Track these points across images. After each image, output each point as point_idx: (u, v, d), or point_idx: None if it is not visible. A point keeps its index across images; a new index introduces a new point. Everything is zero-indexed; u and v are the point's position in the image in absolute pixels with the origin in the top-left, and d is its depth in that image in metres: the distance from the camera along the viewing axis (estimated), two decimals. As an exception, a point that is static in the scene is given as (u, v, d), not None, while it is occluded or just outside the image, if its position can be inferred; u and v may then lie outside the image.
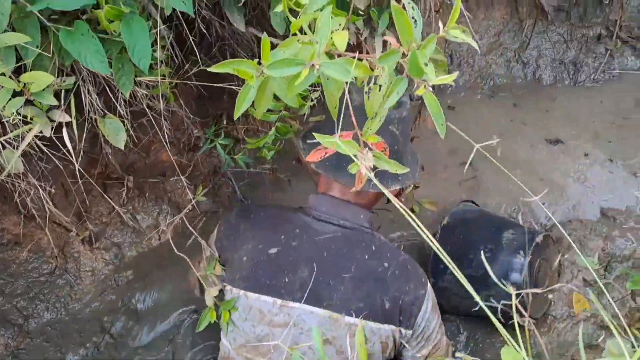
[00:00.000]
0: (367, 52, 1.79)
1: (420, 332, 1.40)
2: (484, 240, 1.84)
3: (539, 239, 1.79)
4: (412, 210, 2.17)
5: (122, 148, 1.37)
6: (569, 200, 2.28)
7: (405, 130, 1.45)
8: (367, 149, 0.93)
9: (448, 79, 0.85)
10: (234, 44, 1.84)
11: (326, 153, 1.01)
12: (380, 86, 0.94)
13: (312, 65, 0.84)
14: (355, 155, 0.87)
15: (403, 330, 1.36)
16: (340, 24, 1.11)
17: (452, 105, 2.61)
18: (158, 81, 1.20)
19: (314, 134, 0.88)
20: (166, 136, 1.66)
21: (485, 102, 2.67)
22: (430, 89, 0.86)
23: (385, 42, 1.79)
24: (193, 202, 1.83)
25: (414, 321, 1.37)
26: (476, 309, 0.89)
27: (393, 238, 2.09)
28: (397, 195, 1.54)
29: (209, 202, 2.18)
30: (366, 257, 1.35)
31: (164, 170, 2.18)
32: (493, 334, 1.93)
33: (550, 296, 1.88)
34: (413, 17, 0.92)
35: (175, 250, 1.55)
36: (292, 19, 0.95)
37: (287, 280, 1.32)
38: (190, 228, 1.66)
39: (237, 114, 0.93)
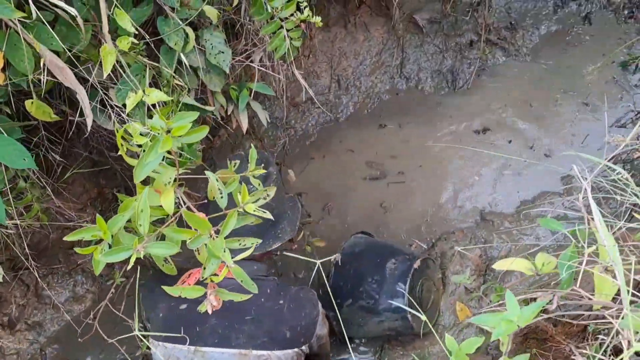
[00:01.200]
0: (237, 122, 1.94)
1: (317, 340, 1.68)
2: (371, 273, 2.04)
3: (416, 264, 2.01)
4: (306, 250, 2.38)
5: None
6: (454, 206, 2.51)
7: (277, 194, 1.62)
8: (211, 291, 1.11)
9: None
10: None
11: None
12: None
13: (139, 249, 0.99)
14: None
15: (304, 348, 1.63)
16: (170, 179, 1.23)
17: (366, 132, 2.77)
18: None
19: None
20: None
21: (368, 125, 2.85)
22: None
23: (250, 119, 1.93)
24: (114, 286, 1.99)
25: (312, 337, 1.64)
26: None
27: (299, 278, 2.30)
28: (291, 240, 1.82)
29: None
30: (263, 300, 1.59)
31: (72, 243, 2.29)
32: (393, 349, 2.17)
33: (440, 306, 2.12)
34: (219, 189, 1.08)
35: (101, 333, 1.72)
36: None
37: (198, 329, 1.56)
38: (116, 312, 1.84)
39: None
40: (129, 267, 1.08)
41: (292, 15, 1.69)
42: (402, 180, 2.60)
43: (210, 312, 1.11)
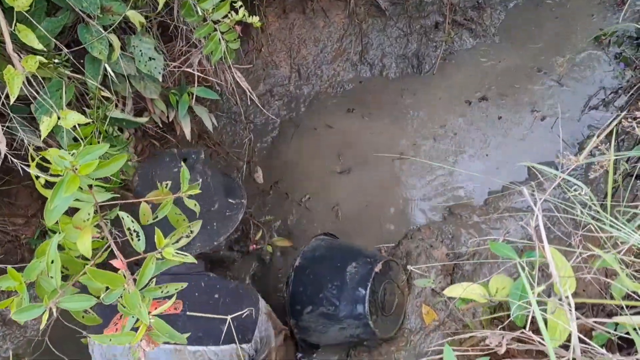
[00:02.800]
0: (181, 128, 1.81)
1: (261, 342, 1.60)
2: (331, 278, 1.95)
3: (377, 268, 1.92)
4: (266, 251, 2.29)
5: None
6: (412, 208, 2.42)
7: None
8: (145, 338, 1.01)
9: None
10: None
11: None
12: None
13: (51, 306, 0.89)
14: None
15: (245, 346, 1.54)
16: (88, 215, 1.12)
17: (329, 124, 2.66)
18: None
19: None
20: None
21: (333, 115, 2.73)
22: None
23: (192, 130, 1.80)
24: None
25: (252, 335, 1.56)
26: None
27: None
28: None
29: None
30: (196, 294, 1.53)
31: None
32: (359, 355, 2.10)
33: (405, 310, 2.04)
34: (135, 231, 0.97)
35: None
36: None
37: None
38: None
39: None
40: (42, 325, 0.98)
41: (225, 17, 1.55)
42: (370, 173, 2.50)
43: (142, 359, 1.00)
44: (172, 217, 1.34)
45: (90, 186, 1.10)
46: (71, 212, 1.13)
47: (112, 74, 1.49)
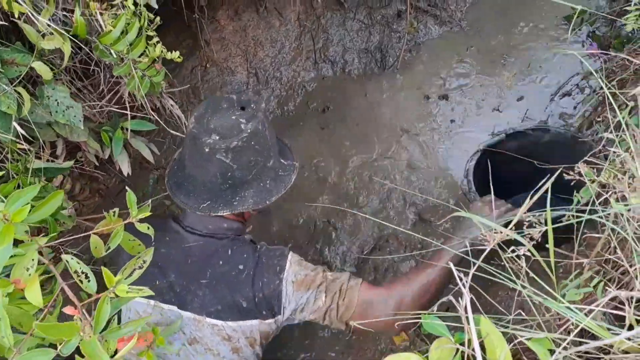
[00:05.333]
0: (119, 167, 1.71)
1: (297, 308, 1.43)
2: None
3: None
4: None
5: None
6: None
7: (241, 157, 1.44)
8: None
9: None
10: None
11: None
12: None
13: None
14: None
15: (271, 319, 1.43)
16: (32, 263, 1.02)
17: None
18: None
19: None
20: None
21: (302, 116, 2.60)
22: None
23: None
24: None
25: (281, 306, 1.42)
26: None
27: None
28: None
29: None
30: (220, 262, 1.43)
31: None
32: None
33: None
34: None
35: None
36: None
37: (157, 283, 1.43)
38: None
39: None
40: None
41: (143, 54, 1.43)
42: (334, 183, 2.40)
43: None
44: (127, 245, 1.25)
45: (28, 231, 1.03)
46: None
47: (20, 131, 1.38)
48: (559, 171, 0.95)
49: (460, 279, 0.91)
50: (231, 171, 1.44)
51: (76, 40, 1.40)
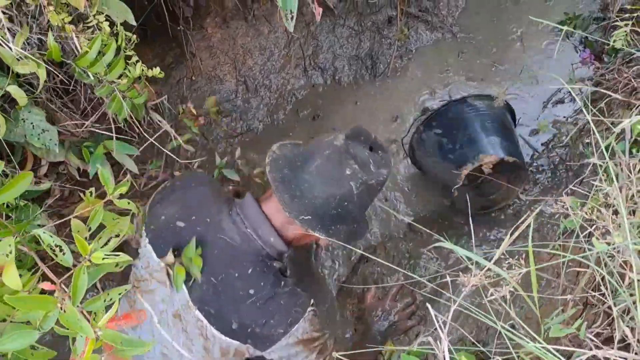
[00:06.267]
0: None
1: (282, 356, 1.42)
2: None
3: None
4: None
5: None
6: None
7: (364, 196, 1.44)
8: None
9: None
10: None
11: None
12: None
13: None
14: None
15: (252, 349, 1.41)
16: (9, 249, 1.00)
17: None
18: None
19: None
20: None
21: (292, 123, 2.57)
22: None
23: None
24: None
25: (268, 349, 1.40)
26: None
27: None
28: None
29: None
30: (236, 275, 1.39)
31: None
32: None
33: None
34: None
35: None
36: None
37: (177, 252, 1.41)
38: None
39: None
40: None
41: (122, 75, 1.40)
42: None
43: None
44: (110, 224, 1.23)
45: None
46: None
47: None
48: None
49: (438, 321, 0.89)
50: (350, 202, 1.41)
51: (52, 66, 1.37)
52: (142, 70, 1.41)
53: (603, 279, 0.94)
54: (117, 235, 1.13)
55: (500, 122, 2.01)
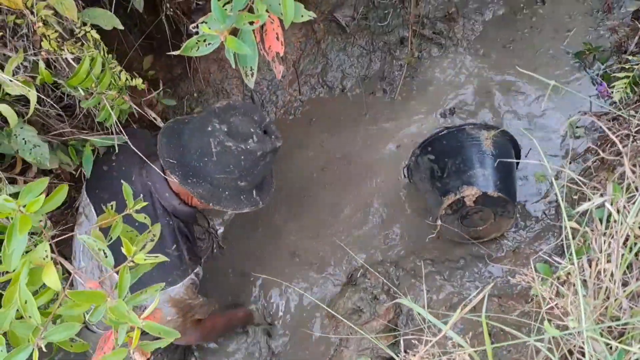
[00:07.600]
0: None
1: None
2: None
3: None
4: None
5: None
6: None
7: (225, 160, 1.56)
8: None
9: None
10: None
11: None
12: None
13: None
14: None
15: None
16: (45, 252, 1.07)
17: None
18: None
19: None
20: None
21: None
22: None
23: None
24: None
25: None
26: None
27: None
28: None
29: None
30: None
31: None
32: None
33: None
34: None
35: None
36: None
37: (101, 195, 1.66)
38: None
39: None
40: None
41: (109, 88, 1.44)
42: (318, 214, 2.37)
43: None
44: (125, 236, 1.27)
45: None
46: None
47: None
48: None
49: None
50: (209, 160, 1.53)
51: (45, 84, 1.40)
52: (127, 79, 1.46)
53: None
54: (152, 240, 1.23)
55: (497, 154, 1.97)
